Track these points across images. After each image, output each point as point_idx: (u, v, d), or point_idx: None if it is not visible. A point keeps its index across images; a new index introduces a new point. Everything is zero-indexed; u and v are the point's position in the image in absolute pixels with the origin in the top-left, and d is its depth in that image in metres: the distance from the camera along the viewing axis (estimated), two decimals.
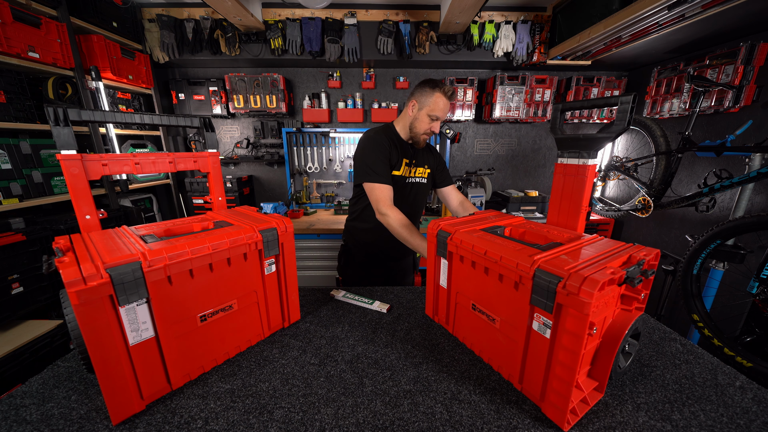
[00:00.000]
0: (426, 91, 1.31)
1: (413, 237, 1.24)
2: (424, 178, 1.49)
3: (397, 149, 1.38)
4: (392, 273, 1.57)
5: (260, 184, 3.21)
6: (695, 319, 1.46)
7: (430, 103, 1.31)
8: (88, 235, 0.72)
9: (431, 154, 1.54)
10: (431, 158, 1.53)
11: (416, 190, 1.48)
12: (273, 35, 2.44)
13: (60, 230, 1.69)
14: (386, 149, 1.34)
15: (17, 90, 1.69)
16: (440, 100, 1.30)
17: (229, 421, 0.62)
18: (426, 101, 1.32)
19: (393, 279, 1.57)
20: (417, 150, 1.47)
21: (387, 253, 1.50)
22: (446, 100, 1.31)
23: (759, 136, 1.81)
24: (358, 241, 1.50)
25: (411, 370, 0.76)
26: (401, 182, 1.42)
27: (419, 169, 1.46)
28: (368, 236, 1.46)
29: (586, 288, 0.52)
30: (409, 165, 1.43)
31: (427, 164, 1.50)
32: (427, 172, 1.50)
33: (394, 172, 1.39)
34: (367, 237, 1.47)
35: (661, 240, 2.59)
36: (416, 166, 1.45)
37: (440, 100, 1.30)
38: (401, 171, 1.40)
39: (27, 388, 0.70)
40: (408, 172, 1.43)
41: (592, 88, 2.80)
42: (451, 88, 1.31)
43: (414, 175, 1.45)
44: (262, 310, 0.87)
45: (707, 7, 1.54)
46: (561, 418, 0.60)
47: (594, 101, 0.81)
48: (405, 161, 1.41)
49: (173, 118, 0.92)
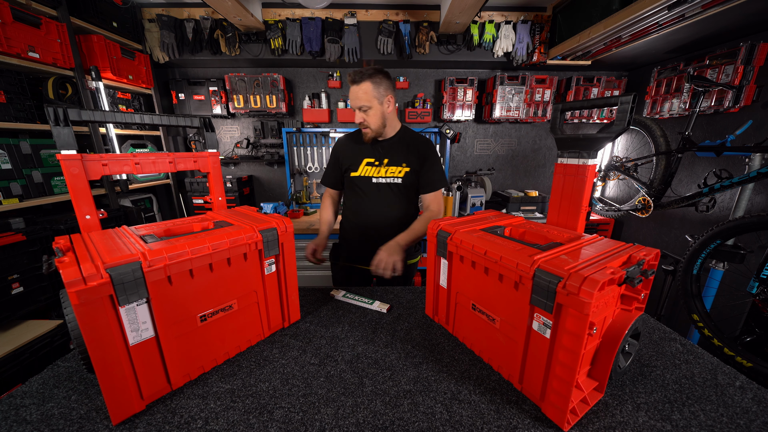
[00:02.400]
0: None
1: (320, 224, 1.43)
2: (398, 178, 1.35)
3: (356, 151, 1.39)
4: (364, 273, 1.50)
5: (260, 184, 3.21)
6: (695, 319, 1.46)
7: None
8: (88, 235, 0.72)
9: (413, 152, 1.36)
10: (413, 156, 1.36)
11: (387, 191, 1.37)
12: (273, 35, 2.44)
13: (60, 230, 1.69)
14: (337, 153, 1.45)
15: (17, 90, 1.69)
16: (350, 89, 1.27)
17: (229, 421, 0.62)
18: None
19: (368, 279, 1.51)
20: (389, 150, 1.36)
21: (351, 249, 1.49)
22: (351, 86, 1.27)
23: (759, 136, 1.81)
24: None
25: (411, 370, 0.76)
26: (366, 184, 1.37)
27: (391, 169, 1.35)
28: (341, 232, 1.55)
29: (586, 288, 0.52)
30: (375, 165, 1.36)
31: (405, 162, 1.35)
32: (404, 171, 1.35)
33: (352, 173, 1.38)
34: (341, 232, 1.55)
35: (661, 240, 2.59)
36: (388, 166, 1.35)
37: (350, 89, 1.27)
38: (360, 171, 1.37)
39: (27, 388, 0.70)
40: (373, 172, 1.36)
41: (592, 88, 2.80)
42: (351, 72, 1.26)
43: (384, 175, 1.36)
44: (262, 310, 0.87)
45: (707, 7, 1.54)
46: (561, 418, 0.60)
47: (594, 101, 0.81)
48: (366, 161, 1.36)
49: (173, 118, 0.92)
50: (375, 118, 1.29)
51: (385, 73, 1.27)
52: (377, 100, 1.26)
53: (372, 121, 1.29)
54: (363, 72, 1.23)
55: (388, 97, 1.29)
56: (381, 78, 1.25)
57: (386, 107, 1.30)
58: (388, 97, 1.29)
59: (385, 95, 1.27)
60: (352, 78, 1.24)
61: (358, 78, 1.23)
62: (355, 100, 1.26)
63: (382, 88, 1.26)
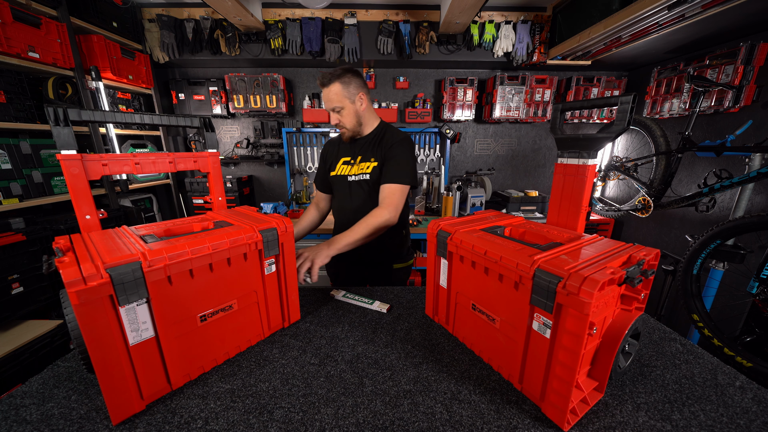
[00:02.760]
0: None
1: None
2: (366, 174, 1.32)
3: (337, 151, 1.41)
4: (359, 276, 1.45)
5: (260, 184, 3.21)
6: (695, 319, 1.46)
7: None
8: (88, 235, 0.72)
9: (380, 147, 1.33)
10: (380, 150, 1.32)
11: (359, 189, 1.35)
12: (273, 35, 2.44)
13: (60, 230, 1.69)
14: (324, 154, 1.48)
15: (17, 90, 1.69)
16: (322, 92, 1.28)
17: (229, 421, 0.62)
18: None
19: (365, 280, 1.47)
20: (363, 147, 1.36)
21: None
22: (321, 89, 1.27)
23: (759, 136, 1.81)
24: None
25: (411, 370, 0.76)
26: (343, 182, 1.38)
27: (362, 165, 1.34)
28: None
29: (586, 288, 0.52)
30: (350, 164, 1.36)
31: (373, 157, 1.33)
32: (372, 167, 1.32)
33: (331, 173, 1.41)
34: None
35: (661, 240, 2.59)
36: (360, 163, 1.34)
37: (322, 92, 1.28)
38: (337, 170, 1.39)
39: (27, 388, 0.70)
40: (348, 170, 1.37)
41: (592, 88, 2.80)
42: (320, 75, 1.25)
43: (356, 173, 1.35)
44: (262, 310, 0.87)
45: (707, 7, 1.54)
46: (561, 418, 0.60)
47: (594, 101, 0.81)
48: (343, 160, 1.38)
49: (173, 118, 0.92)
50: (349, 118, 1.29)
51: (354, 72, 1.27)
52: (348, 100, 1.26)
53: (347, 120, 1.29)
54: (331, 74, 1.23)
55: (359, 95, 1.28)
56: (350, 77, 1.25)
57: (359, 105, 1.29)
58: (360, 94, 1.28)
59: (356, 93, 1.27)
60: (321, 81, 1.24)
61: (327, 80, 1.23)
62: (327, 102, 1.26)
63: (353, 86, 1.25)
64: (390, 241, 1.37)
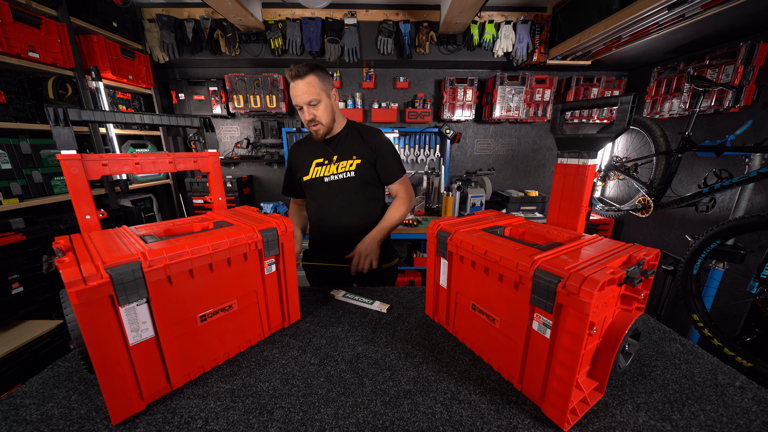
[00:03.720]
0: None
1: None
2: (350, 172, 1.32)
3: (306, 155, 1.36)
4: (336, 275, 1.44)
5: (260, 184, 3.21)
6: (695, 319, 1.46)
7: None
8: (88, 235, 0.72)
9: (364, 144, 1.34)
10: (362, 147, 1.33)
11: (342, 187, 1.33)
12: (273, 35, 2.44)
13: (60, 230, 1.69)
14: (290, 161, 1.44)
15: (17, 90, 1.69)
16: (291, 87, 1.19)
17: (229, 421, 0.62)
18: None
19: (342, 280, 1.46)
20: (338, 145, 1.33)
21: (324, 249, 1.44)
22: (292, 83, 1.18)
23: (759, 136, 1.81)
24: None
25: (411, 370, 0.76)
26: (318, 185, 1.34)
27: (342, 163, 1.32)
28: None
29: (586, 288, 0.52)
30: (324, 165, 1.33)
31: (355, 155, 1.32)
32: (356, 164, 1.32)
33: (304, 177, 1.36)
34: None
35: (661, 240, 2.59)
36: (338, 162, 1.32)
37: (291, 87, 1.19)
38: (311, 174, 1.34)
39: (27, 388, 0.70)
40: (323, 172, 1.33)
41: (592, 88, 2.80)
42: (291, 68, 1.17)
43: (335, 172, 1.32)
44: (262, 310, 0.87)
45: (707, 7, 1.54)
46: (561, 418, 0.60)
47: (594, 101, 0.81)
48: (316, 162, 1.34)
49: (173, 118, 0.92)
50: (326, 112, 1.24)
51: (324, 69, 1.24)
52: (325, 93, 1.22)
53: (323, 115, 1.23)
54: (305, 66, 1.17)
55: (333, 90, 1.26)
56: (322, 71, 1.21)
57: (333, 100, 1.27)
58: (333, 90, 1.27)
59: (331, 87, 1.25)
60: (296, 72, 1.16)
61: (302, 72, 1.16)
62: (303, 95, 1.18)
63: (327, 80, 1.22)
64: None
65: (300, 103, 1.20)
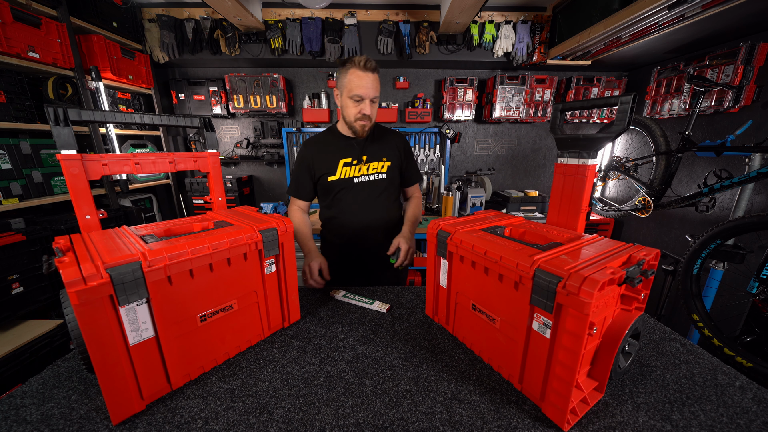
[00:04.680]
0: (341, 73, 1.18)
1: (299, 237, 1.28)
2: (382, 173, 1.31)
3: (329, 154, 1.29)
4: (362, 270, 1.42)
5: (260, 184, 3.21)
6: (695, 319, 1.46)
7: (347, 84, 1.16)
8: (88, 235, 0.72)
9: (390, 146, 1.34)
10: (392, 150, 1.34)
11: (371, 189, 1.32)
12: (273, 35, 2.44)
13: (60, 230, 1.69)
14: (307, 160, 1.30)
15: (17, 90, 1.69)
16: (354, 75, 1.14)
17: (229, 421, 0.62)
18: (343, 83, 1.17)
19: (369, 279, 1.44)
20: (367, 146, 1.31)
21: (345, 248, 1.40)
22: (362, 72, 1.13)
23: (759, 136, 1.81)
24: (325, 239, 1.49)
25: (411, 370, 0.76)
26: (348, 185, 1.30)
27: (372, 165, 1.30)
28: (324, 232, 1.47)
29: (586, 288, 0.52)
30: (353, 164, 1.29)
31: (385, 157, 1.31)
32: (386, 166, 1.31)
33: (330, 178, 1.29)
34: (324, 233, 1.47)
35: (661, 240, 2.58)
36: (367, 162, 1.30)
37: (354, 75, 1.14)
38: (338, 174, 1.28)
39: (27, 388, 0.70)
40: (353, 172, 1.29)
41: (592, 88, 2.80)
42: (363, 58, 1.13)
43: (366, 173, 1.30)
44: (262, 310, 0.87)
45: (707, 7, 1.54)
46: (561, 418, 0.60)
47: (594, 101, 0.81)
48: (343, 162, 1.29)
49: (173, 118, 0.92)
50: (376, 111, 1.24)
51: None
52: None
53: (375, 114, 1.23)
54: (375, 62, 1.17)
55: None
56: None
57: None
58: None
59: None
60: (372, 66, 1.13)
61: (375, 67, 1.15)
62: (373, 89, 1.17)
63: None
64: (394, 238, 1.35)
65: (366, 95, 1.16)
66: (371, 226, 1.35)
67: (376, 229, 1.35)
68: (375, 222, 1.35)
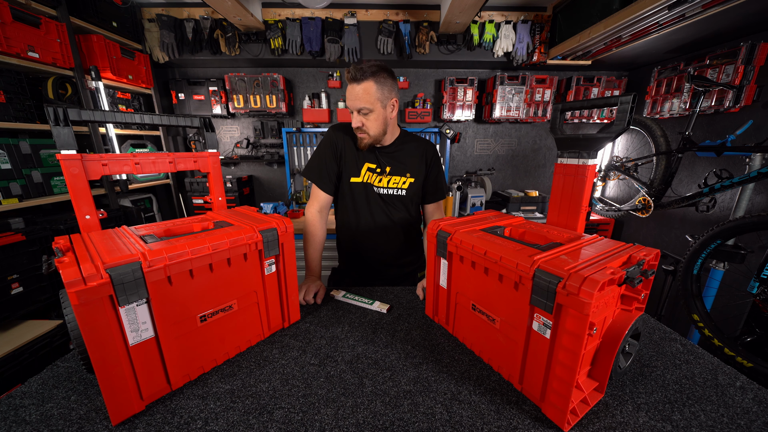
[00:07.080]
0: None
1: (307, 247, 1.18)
2: (403, 190, 1.20)
3: (356, 153, 1.19)
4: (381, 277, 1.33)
5: (260, 184, 3.21)
6: (695, 319, 1.46)
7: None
8: (88, 235, 0.72)
9: (417, 161, 1.21)
10: (415, 163, 1.21)
11: (390, 204, 1.22)
12: (273, 35, 2.44)
13: (60, 230, 1.69)
14: (338, 145, 1.18)
15: (17, 90, 1.69)
16: (347, 88, 1.07)
17: (229, 421, 0.62)
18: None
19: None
20: (391, 158, 1.20)
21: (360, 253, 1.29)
22: (348, 83, 1.06)
23: (759, 136, 1.81)
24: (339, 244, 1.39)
25: (411, 370, 0.76)
26: (368, 192, 1.20)
27: (394, 179, 1.20)
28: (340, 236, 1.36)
29: (586, 288, 0.52)
30: (376, 172, 1.20)
31: (409, 173, 1.20)
32: (409, 182, 1.20)
33: (353, 178, 1.19)
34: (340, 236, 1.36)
35: (661, 240, 2.58)
36: (390, 175, 1.20)
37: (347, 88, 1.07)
38: (362, 177, 1.19)
39: (26, 389, 0.70)
40: (375, 180, 1.20)
41: (592, 88, 2.80)
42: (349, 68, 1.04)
43: (386, 185, 1.20)
44: (262, 310, 0.87)
45: (707, 7, 1.54)
46: (561, 419, 0.60)
47: (594, 101, 0.81)
48: (368, 166, 1.19)
49: (173, 118, 0.92)
50: (376, 124, 1.09)
51: (389, 72, 1.08)
52: (380, 103, 1.06)
53: (372, 126, 1.09)
54: (365, 69, 1.03)
55: (392, 101, 1.10)
56: (385, 77, 1.06)
57: (389, 112, 1.11)
58: (393, 100, 1.10)
59: (389, 98, 1.09)
60: (353, 75, 1.03)
61: (360, 75, 1.02)
62: (355, 100, 1.05)
63: (387, 89, 1.07)
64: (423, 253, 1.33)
65: (351, 106, 1.08)
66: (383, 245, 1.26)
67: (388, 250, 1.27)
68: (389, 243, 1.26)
